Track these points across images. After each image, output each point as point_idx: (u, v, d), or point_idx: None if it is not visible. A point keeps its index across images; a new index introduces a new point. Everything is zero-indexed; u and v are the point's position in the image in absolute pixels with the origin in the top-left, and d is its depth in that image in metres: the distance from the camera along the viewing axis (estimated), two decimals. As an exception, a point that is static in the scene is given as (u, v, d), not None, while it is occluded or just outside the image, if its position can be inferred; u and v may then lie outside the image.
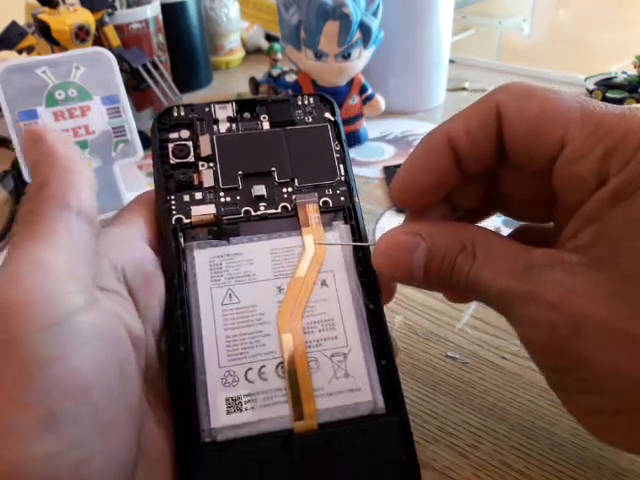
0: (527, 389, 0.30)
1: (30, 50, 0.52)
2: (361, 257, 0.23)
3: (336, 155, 0.25)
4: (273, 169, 0.24)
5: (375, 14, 0.53)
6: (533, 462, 0.26)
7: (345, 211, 0.24)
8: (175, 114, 0.25)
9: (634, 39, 0.89)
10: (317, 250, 0.23)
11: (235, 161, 0.24)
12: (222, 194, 0.23)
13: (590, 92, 0.67)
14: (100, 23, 0.54)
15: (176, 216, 0.22)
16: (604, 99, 0.65)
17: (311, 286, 0.22)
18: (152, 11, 0.62)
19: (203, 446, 0.19)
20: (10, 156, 0.46)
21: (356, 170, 0.54)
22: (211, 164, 0.24)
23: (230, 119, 0.25)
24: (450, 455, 0.26)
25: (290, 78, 0.69)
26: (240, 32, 0.85)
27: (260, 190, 0.23)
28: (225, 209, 0.23)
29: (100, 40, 0.55)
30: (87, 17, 0.51)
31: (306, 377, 0.21)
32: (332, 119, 0.26)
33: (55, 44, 0.51)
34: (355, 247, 0.23)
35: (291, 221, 0.23)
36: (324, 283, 0.22)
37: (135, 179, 0.46)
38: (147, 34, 0.61)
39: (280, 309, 0.22)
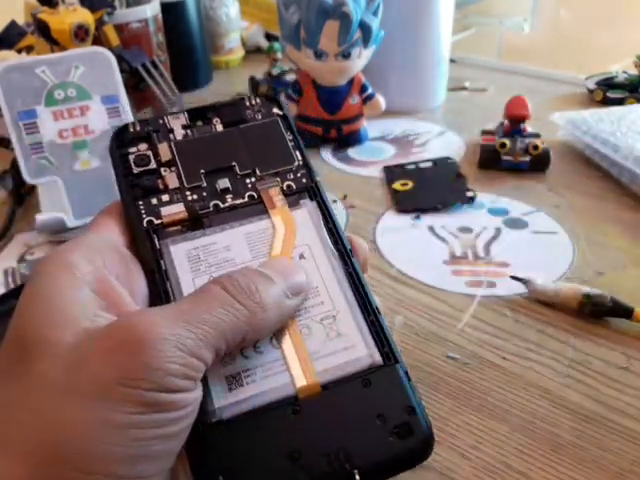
0: (528, 390, 0.29)
1: (29, 50, 0.52)
2: (332, 227, 0.24)
3: (291, 143, 0.26)
4: (233, 163, 0.25)
5: (375, 13, 0.53)
6: (534, 463, 0.26)
7: (310, 190, 0.25)
8: (131, 129, 0.26)
9: (635, 39, 0.89)
10: (288, 228, 0.24)
11: (196, 162, 0.25)
12: (188, 192, 0.24)
13: (591, 91, 0.67)
14: (99, 22, 0.54)
15: (147, 219, 0.23)
16: (605, 99, 0.65)
17: (289, 260, 0.23)
18: (152, 10, 0.61)
19: (211, 427, 0.20)
20: (10, 156, 0.46)
21: (356, 170, 0.54)
22: (173, 168, 0.25)
23: (184, 127, 0.26)
24: (451, 456, 0.26)
25: (290, 77, 0.69)
26: (240, 31, 0.85)
27: (224, 183, 0.25)
28: (193, 205, 0.24)
29: (99, 40, 0.55)
30: (86, 16, 0.51)
31: (300, 343, 0.21)
32: (280, 113, 0.27)
33: (54, 44, 0.50)
34: (325, 220, 0.24)
35: (259, 207, 0.24)
36: (302, 256, 0.23)
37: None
38: (147, 33, 0.61)
39: None
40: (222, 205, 0.24)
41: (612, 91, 0.65)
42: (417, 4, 0.61)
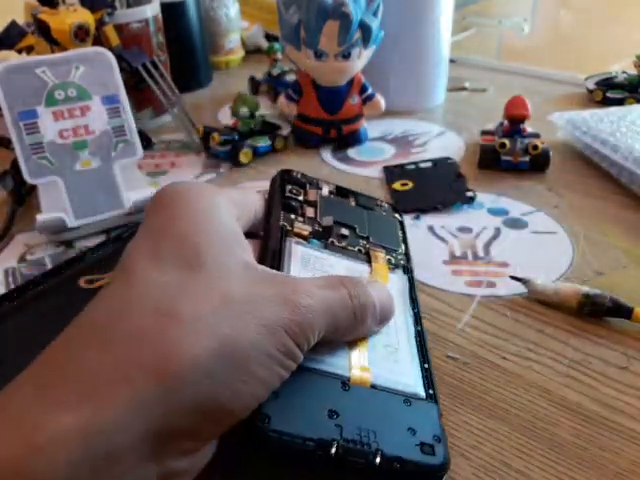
0: (528, 389, 0.30)
1: (30, 50, 0.52)
2: (414, 297, 0.30)
3: (400, 237, 0.34)
4: (356, 225, 0.32)
5: (375, 14, 0.53)
6: (534, 462, 0.26)
7: (404, 268, 0.32)
8: (294, 174, 0.34)
9: (634, 39, 0.89)
10: (383, 276, 0.30)
11: (330, 211, 0.32)
12: (317, 225, 0.31)
13: (590, 92, 0.67)
14: (100, 23, 0.54)
15: (282, 222, 0.29)
16: (604, 99, 0.65)
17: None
18: (152, 11, 0.61)
19: None
20: (10, 156, 0.46)
21: (356, 170, 0.54)
22: (313, 207, 0.32)
23: (330, 192, 0.34)
24: (450, 455, 0.26)
25: (290, 78, 0.69)
26: (240, 32, 0.85)
27: (345, 231, 0.31)
28: (316, 232, 0.30)
29: (100, 40, 0.55)
30: (87, 17, 0.51)
31: (365, 347, 0.25)
32: (400, 219, 0.36)
33: (55, 44, 0.51)
34: (410, 290, 0.31)
35: (365, 257, 0.31)
36: None
37: (135, 179, 0.46)
38: (147, 34, 0.61)
39: None
40: (337, 244, 0.30)
41: (612, 91, 0.65)
42: (417, 5, 0.61)
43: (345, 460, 0.21)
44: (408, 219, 0.45)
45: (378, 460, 0.21)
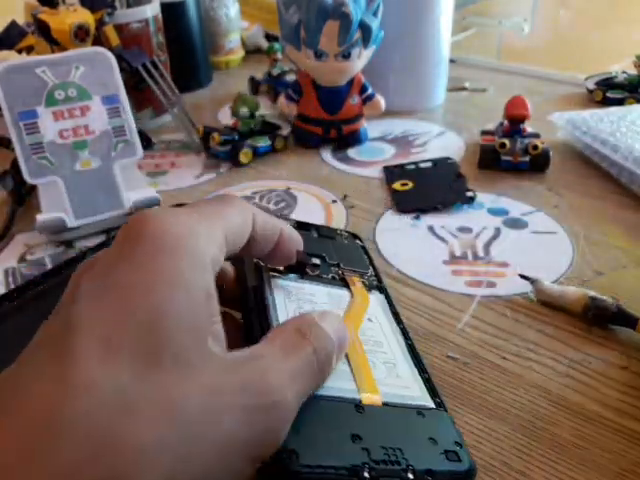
0: (528, 389, 0.30)
1: (30, 50, 0.52)
2: (395, 313, 0.31)
3: (367, 261, 0.35)
4: (324, 254, 0.33)
5: (375, 14, 0.53)
6: (534, 462, 0.26)
7: (379, 288, 0.33)
8: None
9: (634, 39, 0.89)
10: (363, 299, 0.30)
11: None
12: None
13: (590, 92, 0.67)
14: (100, 23, 0.54)
15: (255, 260, 0.28)
16: (604, 99, 0.65)
17: (361, 318, 0.28)
18: (152, 11, 0.61)
19: None
20: (10, 156, 0.46)
21: (356, 170, 0.54)
22: None
23: (292, 226, 0.33)
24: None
25: (290, 78, 0.69)
26: (240, 32, 0.85)
27: (316, 261, 0.32)
28: (291, 268, 0.29)
29: (100, 40, 0.55)
30: (87, 17, 0.51)
31: (367, 367, 0.25)
32: (361, 244, 0.37)
33: (55, 44, 0.51)
34: (390, 307, 0.31)
35: (340, 283, 0.31)
36: (370, 319, 0.29)
37: (135, 179, 0.46)
38: (147, 34, 0.61)
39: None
40: (311, 273, 0.30)
41: (612, 91, 0.65)
42: (417, 5, 0.61)
43: None
44: (408, 219, 0.45)
45: (411, 476, 0.21)
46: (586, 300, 0.33)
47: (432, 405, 0.25)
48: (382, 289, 0.33)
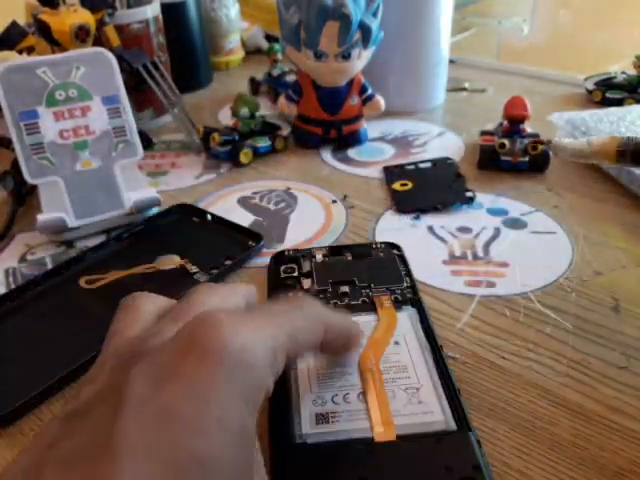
0: (527, 389, 0.30)
1: (30, 50, 0.52)
2: (426, 327, 0.31)
3: (403, 271, 0.36)
4: (354, 279, 0.34)
5: (375, 14, 0.53)
6: (534, 462, 0.26)
7: (412, 301, 0.33)
8: (286, 253, 0.38)
9: (634, 39, 0.89)
10: (390, 321, 0.31)
11: (326, 275, 0.35)
12: (316, 291, 0.34)
13: (590, 92, 0.67)
14: (100, 23, 0.54)
15: None
16: (604, 99, 0.65)
17: (386, 343, 0.29)
18: (152, 11, 0.62)
19: (295, 448, 0.24)
20: (10, 156, 0.46)
21: (356, 170, 0.54)
22: (309, 278, 0.35)
23: (324, 255, 0.37)
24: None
25: (290, 78, 0.69)
26: (240, 32, 0.85)
27: (345, 288, 0.34)
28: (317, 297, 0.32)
29: (100, 40, 0.55)
30: (87, 17, 0.51)
31: (384, 400, 0.26)
32: (399, 253, 0.38)
33: (55, 44, 0.51)
34: (421, 322, 0.31)
35: (370, 307, 0.32)
36: (397, 342, 0.30)
37: (135, 179, 0.46)
38: (147, 34, 0.61)
39: (361, 354, 0.29)
40: (340, 303, 0.33)
41: (611, 92, 0.66)
42: (416, 5, 0.61)
43: None
44: (408, 219, 0.45)
45: None
46: (619, 139, 0.32)
47: (454, 427, 0.25)
48: (415, 301, 0.33)
